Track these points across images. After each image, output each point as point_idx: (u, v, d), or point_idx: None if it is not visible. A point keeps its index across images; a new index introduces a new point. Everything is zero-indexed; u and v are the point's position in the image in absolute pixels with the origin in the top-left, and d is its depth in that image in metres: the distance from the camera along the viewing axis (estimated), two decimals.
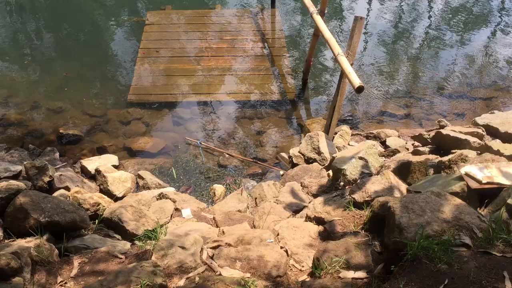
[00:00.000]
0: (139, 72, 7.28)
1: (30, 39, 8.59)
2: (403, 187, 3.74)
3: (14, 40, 8.49)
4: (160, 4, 9.29)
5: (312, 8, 6.18)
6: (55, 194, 4.35)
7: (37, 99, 6.74)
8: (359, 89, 4.65)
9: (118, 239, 3.71)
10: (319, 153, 5.33)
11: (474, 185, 3.23)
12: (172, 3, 9.30)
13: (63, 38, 8.45)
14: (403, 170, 4.09)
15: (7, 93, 6.89)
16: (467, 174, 3.32)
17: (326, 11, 6.17)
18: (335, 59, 5.22)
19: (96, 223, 3.90)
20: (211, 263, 2.98)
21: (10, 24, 9.06)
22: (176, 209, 4.39)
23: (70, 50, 8.07)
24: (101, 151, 5.91)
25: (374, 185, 3.69)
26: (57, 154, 5.61)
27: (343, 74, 5.19)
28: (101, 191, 4.93)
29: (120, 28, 8.75)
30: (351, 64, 5.01)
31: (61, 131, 6.08)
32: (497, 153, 3.94)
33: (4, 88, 7.04)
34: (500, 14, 9.46)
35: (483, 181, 3.21)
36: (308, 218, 3.82)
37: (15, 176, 4.54)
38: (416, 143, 5.43)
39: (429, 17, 9.35)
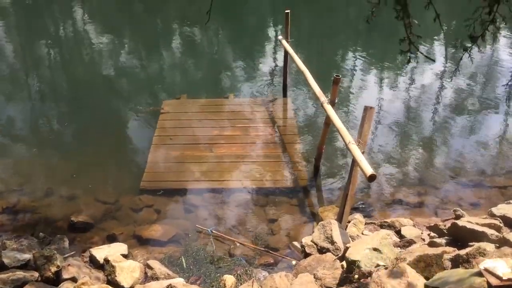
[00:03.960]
0: (152, 159, 7.38)
1: (47, 126, 8.88)
2: (421, 281, 3.59)
3: (30, 126, 8.78)
4: (175, 94, 9.65)
5: (323, 98, 6.35)
6: (62, 285, 4.26)
7: (51, 185, 6.80)
8: (371, 178, 4.64)
9: None
10: (332, 242, 5.19)
11: (494, 281, 3.08)
12: (187, 92, 9.64)
13: (79, 125, 8.70)
14: (420, 263, 3.93)
15: (22, 180, 6.98)
16: (486, 270, 3.19)
17: (336, 100, 6.31)
18: (347, 147, 5.27)
19: None
20: None
21: (27, 110, 9.38)
22: None
23: (86, 137, 8.27)
24: (111, 239, 5.85)
25: (390, 280, 3.55)
26: (66, 243, 5.56)
27: (354, 162, 5.20)
28: (108, 282, 4.80)
29: (136, 117, 8.99)
30: (363, 153, 5.04)
31: (72, 218, 6.08)
32: None
33: (19, 175, 7.16)
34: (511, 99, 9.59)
35: (504, 277, 3.07)
36: None
37: (23, 266, 4.49)
38: (432, 234, 5.29)
39: (439, 103, 9.49)
